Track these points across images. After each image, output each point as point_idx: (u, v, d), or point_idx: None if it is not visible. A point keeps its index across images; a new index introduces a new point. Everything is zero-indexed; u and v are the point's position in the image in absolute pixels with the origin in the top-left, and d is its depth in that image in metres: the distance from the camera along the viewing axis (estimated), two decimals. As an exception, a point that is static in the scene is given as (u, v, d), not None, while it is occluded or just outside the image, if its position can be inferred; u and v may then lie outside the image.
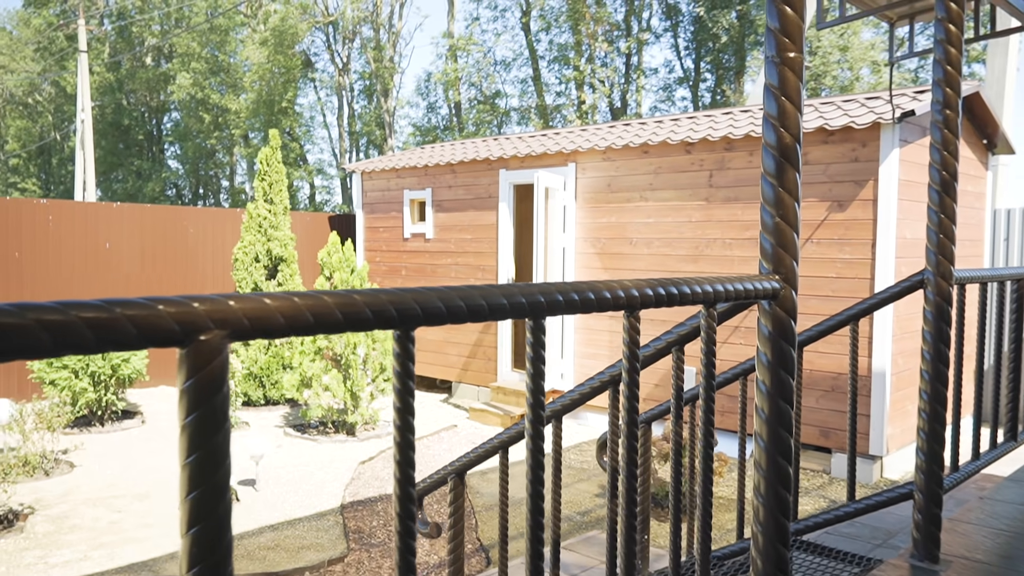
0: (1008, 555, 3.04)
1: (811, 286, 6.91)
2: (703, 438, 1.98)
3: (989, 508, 3.56)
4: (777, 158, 2.05)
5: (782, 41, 2.04)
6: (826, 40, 27.73)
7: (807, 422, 6.90)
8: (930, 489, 2.90)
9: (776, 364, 2.05)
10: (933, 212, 2.89)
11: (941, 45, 2.91)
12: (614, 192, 8.43)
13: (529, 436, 1.50)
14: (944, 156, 2.89)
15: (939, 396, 2.91)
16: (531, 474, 1.50)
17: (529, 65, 35.32)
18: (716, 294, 1.86)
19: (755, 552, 2.12)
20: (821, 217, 6.81)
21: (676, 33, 33.59)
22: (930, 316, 2.91)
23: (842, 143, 6.70)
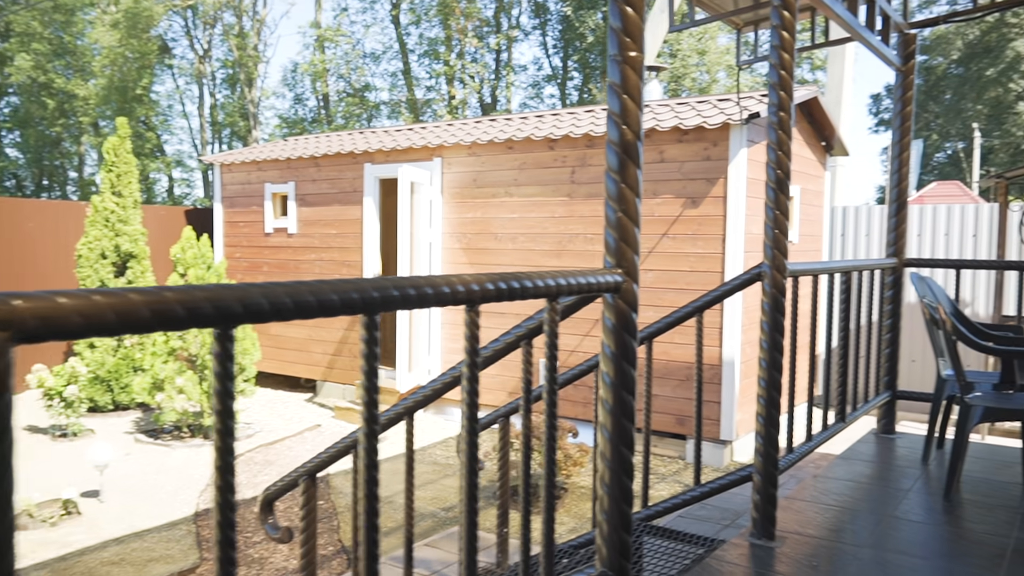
0: (836, 528, 3.26)
1: (667, 279, 7.19)
2: (547, 431, 2.00)
3: (821, 485, 3.81)
4: (620, 154, 2.10)
5: (624, 41, 2.08)
6: (686, 44, 28.92)
7: (664, 410, 7.18)
8: (767, 471, 3.06)
9: (619, 355, 2.10)
10: (769, 209, 3.06)
11: (776, 51, 3.07)
12: (480, 187, 8.47)
13: (364, 435, 1.47)
14: (779, 156, 3.05)
15: (775, 383, 3.08)
16: (366, 473, 1.46)
17: (399, 58, 34.95)
18: (559, 288, 1.88)
19: (600, 540, 2.17)
20: (676, 213, 7.09)
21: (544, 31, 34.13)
22: (767, 307, 3.07)
23: (695, 142, 7.00)
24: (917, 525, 3.31)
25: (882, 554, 2.99)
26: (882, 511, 3.45)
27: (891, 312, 4.77)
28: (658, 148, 7.21)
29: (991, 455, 4.42)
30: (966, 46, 31.94)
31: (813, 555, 2.97)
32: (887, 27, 4.49)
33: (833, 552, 3.01)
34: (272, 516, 3.13)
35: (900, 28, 4.70)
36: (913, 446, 4.55)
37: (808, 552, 2.99)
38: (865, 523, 3.31)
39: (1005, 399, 3.65)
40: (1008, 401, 3.58)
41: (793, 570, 2.84)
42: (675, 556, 3.23)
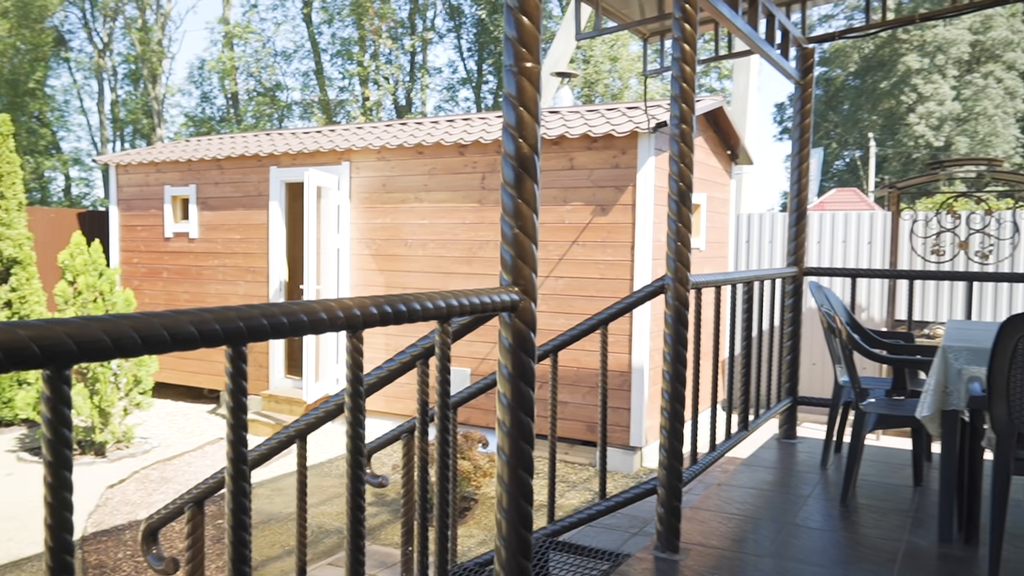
0: (738, 538, 3.28)
1: (577, 287, 7.19)
2: (438, 457, 1.91)
3: (725, 494, 3.85)
4: (516, 168, 2.02)
5: (519, 51, 2.01)
6: (598, 50, 29.30)
7: (574, 417, 7.18)
8: (671, 484, 3.05)
9: (516, 376, 2.03)
10: (672, 221, 3.05)
11: (678, 63, 3.06)
12: (389, 192, 8.31)
13: (231, 477, 1.34)
14: (681, 168, 3.04)
15: (679, 396, 3.07)
16: (231, 519, 1.34)
17: (311, 58, 34.25)
18: (450, 309, 1.79)
19: (499, 567, 2.09)
20: (586, 220, 7.11)
21: (459, 34, 34.04)
22: (670, 320, 3.06)
23: (604, 150, 7.03)
24: (816, 532, 3.36)
25: (782, 563, 3.02)
26: (783, 519, 3.49)
27: (792, 320, 4.87)
28: (568, 155, 7.22)
29: (886, 458, 4.56)
30: (862, 59, 33.46)
31: (716, 567, 2.97)
32: (786, 41, 4.59)
33: (735, 563, 3.02)
34: (156, 546, 2.94)
35: (799, 42, 4.81)
36: (813, 451, 4.65)
37: (711, 564, 2.99)
38: (767, 532, 3.35)
39: (897, 406, 3.76)
40: (899, 408, 3.69)
41: (696, 584, 2.83)
42: (581, 572, 3.18)
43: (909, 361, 3.73)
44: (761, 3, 4.09)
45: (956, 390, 3.10)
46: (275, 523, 5.83)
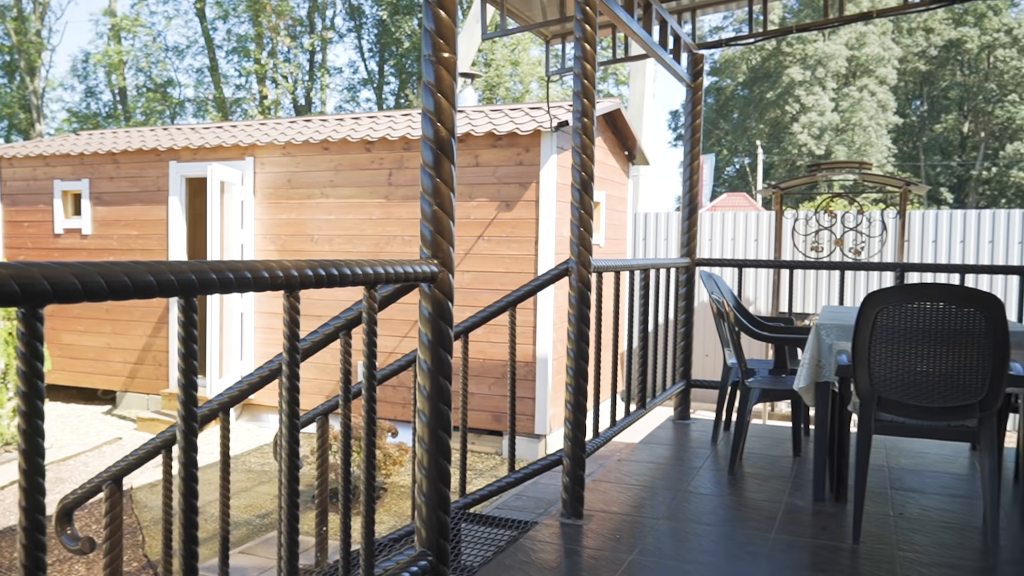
0: (637, 504, 3.54)
1: (483, 281, 7.39)
2: (366, 425, 2.05)
3: (625, 468, 4.11)
4: (435, 150, 2.19)
5: (437, 42, 2.18)
6: (500, 54, 29.69)
7: (481, 408, 7.37)
8: (575, 455, 3.28)
9: (436, 343, 2.19)
10: (575, 208, 3.27)
11: (579, 62, 3.29)
12: (295, 188, 8.29)
13: (181, 433, 1.46)
14: (583, 159, 3.28)
15: (582, 372, 3.30)
16: (184, 472, 1.46)
17: (205, 54, 33.27)
18: (377, 276, 1.94)
19: (419, 522, 2.25)
20: (491, 216, 7.32)
21: (360, 35, 33.78)
22: (574, 301, 3.28)
23: (509, 148, 7.26)
24: (706, 497, 3.65)
25: (676, 524, 3.28)
26: (677, 487, 3.78)
27: (685, 308, 5.20)
28: (473, 153, 7.41)
29: (770, 434, 4.94)
30: (750, 71, 35.12)
31: (617, 529, 3.21)
32: (678, 47, 4.92)
33: (634, 525, 3.26)
34: (71, 526, 2.94)
35: (690, 48, 5.16)
36: (705, 429, 4.99)
37: (612, 527, 3.23)
38: (662, 499, 3.62)
39: (779, 381, 4.11)
40: (780, 383, 4.04)
41: (599, 544, 3.06)
42: (491, 540, 3.37)
43: (789, 339, 4.09)
44: (655, 10, 4.39)
45: (828, 363, 3.45)
46: (180, 519, 5.76)
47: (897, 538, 3.11)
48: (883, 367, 3.00)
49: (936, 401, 2.97)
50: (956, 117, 33.60)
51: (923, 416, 3.02)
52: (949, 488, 3.81)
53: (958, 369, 2.91)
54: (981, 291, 2.88)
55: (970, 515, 3.40)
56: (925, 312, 2.93)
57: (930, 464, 4.21)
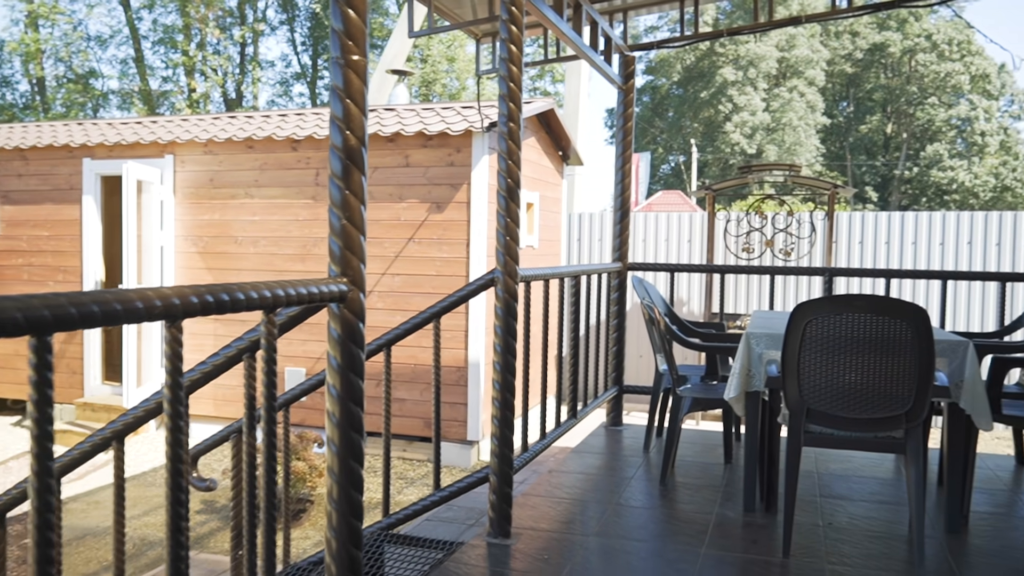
0: (567, 520, 3.44)
1: (414, 284, 7.22)
2: (265, 455, 1.89)
3: (555, 480, 4.01)
4: (343, 160, 2.03)
5: (346, 44, 2.02)
6: (436, 49, 29.40)
7: (412, 414, 7.21)
8: (502, 471, 3.15)
9: (346, 367, 2.04)
10: (501, 216, 3.15)
11: (505, 63, 3.16)
12: (217, 188, 7.97)
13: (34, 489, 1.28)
14: (509, 164, 3.15)
15: (509, 385, 3.18)
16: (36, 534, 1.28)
17: (130, 44, 32.10)
18: (276, 299, 1.78)
19: (329, 558, 2.09)
20: (422, 218, 7.15)
21: (293, 27, 33.07)
22: (500, 312, 3.16)
23: (440, 148, 7.10)
24: (637, 510, 3.58)
25: (607, 541, 3.19)
26: (608, 500, 3.69)
27: (617, 313, 5.14)
28: (404, 153, 7.23)
29: (702, 440, 4.91)
30: (685, 70, 35.59)
31: (545, 548, 3.10)
32: (609, 48, 4.84)
33: (563, 543, 3.16)
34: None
35: (621, 50, 5.08)
36: (637, 436, 4.93)
37: (541, 546, 3.12)
38: (593, 513, 3.53)
39: (709, 389, 4.07)
40: (711, 391, 3.99)
41: (526, 565, 2.95)
42: (416, 562, 3.22)
43: (720, 348, 4.05)
44: (585, 11, 4.30)
45: (758, 372, 3.40)
46: (92, 538, 5.46)
47: (826, 550, 3.08)
48: (812, 378, 2.97)
49: (864, 412, 2.94)
50: (880, 118, 34.67)
51: (851, 427, 2.99)
52: (876, 494, 3.82)
53: (885, 380, 2.89)
54: (907, 302, 2.86)
55: (896, 523, 3.40)
56: (853, 323, 2.90)
57: (857, 469, 4.22)
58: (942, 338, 3.19)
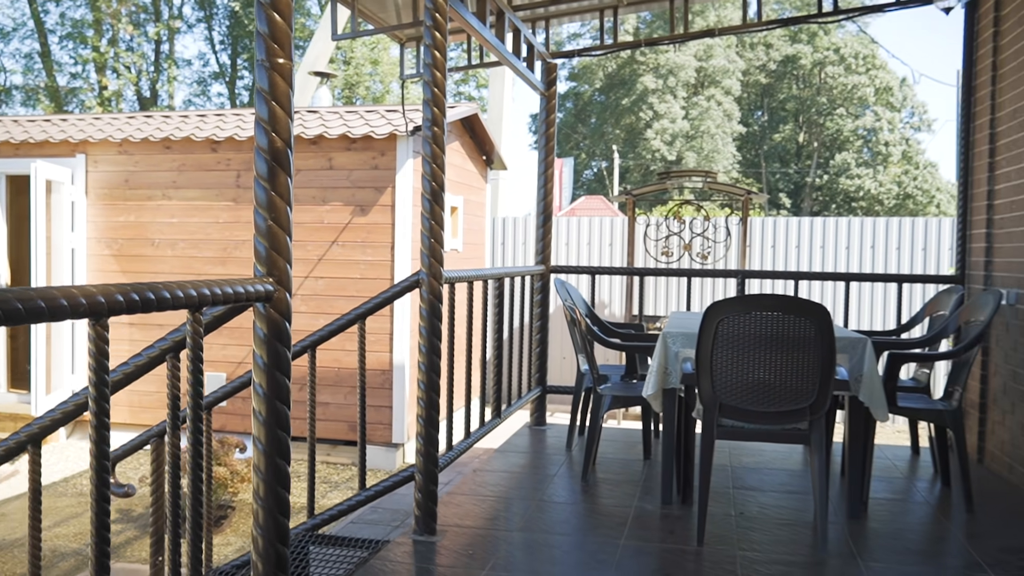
0: (491, 517, 3.51)
1: (338, 287, 7.18)
2: (191, 457, 1.90)
3: (480, 479, 4.08)
4: (269, 162, 2.05)
5: (271, 46, 2.05)
6: (360, 52, 29.14)
7: (337, 418, 7.16)
8: (427, 470, 3.20)
9: (272, 366, 2.06)
10: (425, 219, 3.20)
11: (429, 69, 3.22)
12: (133, 189, 7.76)
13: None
14: (433, 168, 3.21)
15: (434, 385, 3.23)
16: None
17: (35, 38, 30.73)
18: (201, 298, 1.79)
19: (255, 555, 2.11)
20: (346, 221, 7.12)
21: (211, 25, 32.26)
22: (425, 313, 3.21)
23: (364, 151, 7.09)
24: (560, 506, 3.68)
25: (530, 535, 3.28)
26: (532, 497, 3.78)
27: (540, 315, 5.25)
28: (327, 155, 7.19)
29: (623, 437, 5.06)
30: (607, 77, 36.21)
31: (470, 544, 3.16)
32: (531, 55, 4.95)
33: (488, 539, 3.23)
34: None
35: (543, 57, 5.20)
36: (560, 435, 5.04)
37: (466, 542, 3.18)
38: (517, 509, 3.61)
39: (629, 387, 4.20)
40: (631, 389, 4.13)
41: (452, 561, 3.00)
42: (341, 562, 3.24)
43: (638, 347, 4.19)
44: (508, 19, 4.39)
45: (674, 370, 3.54)
46: (4, 549, 5.25)
47: (738, 537, 3.24)
48: (724, 374, 3.12)
49: (772, 406, 3.11)
50: (792, 128, 36.00)
51: (760, 420, 3.16)
52: (785, 485, 4.02)
53: (791, 375, 3.06)
54: (811, 301, 3.04)
55: (803, 511, 3.59)
56: (761, 321, 3.06)
57: (769, 462, 4.43)
58: (843, 335, 3.38)
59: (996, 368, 4.36)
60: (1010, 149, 4.23)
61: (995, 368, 4.38)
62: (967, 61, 4.80)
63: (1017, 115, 4.15)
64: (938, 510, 3.69)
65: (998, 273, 4.36)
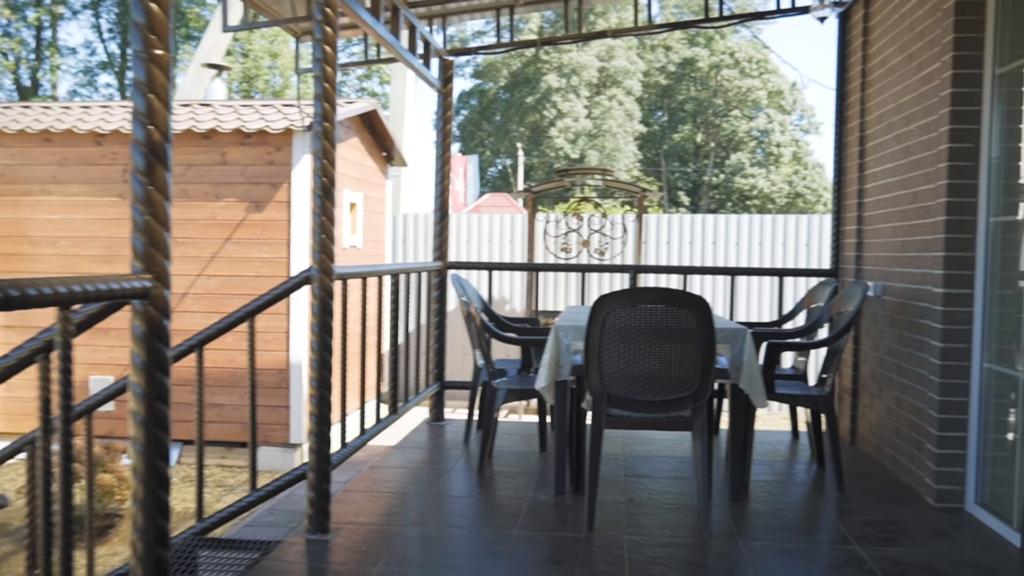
0: (387, 513, 3.51)
1: (232, 285, 7.00)
2: (61, 463, 1.84)
3: (376, 475, 4.07)
4: (147, 156, 2.01)
5: (148, 38, 2.00)
6: (258, 45, 28.37)
7: (232, 419, 6.99)
8: (320, 467, 3.18)
9: (150, 365, 2.02)
10: (316, 215, 3.18)
11: (319, 64, 3.20)
12: (9, 184, 7.35)
13: None
14: (324, 164, 3.20)
15: (325, 383, 3.21)
16: None
17: (-102, 21, 28.56)
18: (72, 295, 1.74)
19: (135, 561, 2.06)
20: (240, 217, 6.95)
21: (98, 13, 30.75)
22: (316, 310, 3.19)
23: (259, 146, 6.93)
24: (456, 499, 3.71)
25: (425, 530, 3.30)
26: (428, 491, 3.80)
27: (438, 311, 5.27)
28: (220, 150, 7.00)
29: (520, 431, 5.14)
30: (511, 75, 36.44)
31: (364, 541, 3.16)
32: (428, 52, 4.96)
33: (383, 535, 3.24)
34: None
35: (440, 54, 5.22)
36: (458, 430, 5.08)
37: (360, 539, 3.18)
38: (413, 505, 3.63)
39: (524, 380, 4.28)
40: (526, 382, 4.20)
41: (345, 558, 3.00)
42: (232, 565, 3.19)
43: (532, 340, 4.26)
44: (403, 15, 4.39)
45: (566, 363, 3.63)
46: None
47: (627, 523, 3.35)
48: (612, 365, 3.22)
49: (657, 395, 3.23)
50: (691, 128, 37.13)
51: (647, 409, 3.28)
52: (674, 471, 4.17)
53: (674, 364, 3.19)
54: (691, 294, 3.18)
55: (689, 495, 3.75)
56: (646, 313, 3.18)
57: (660, 450, 4.59)
58: (724, 326, 3.55)
59: (865, 356, 4.66)
60: (877, 151, 4.52)
61: (864, 356, 4.68)
62: (840, 68, 5.10)
63: (883, 119, 4.43)
64: (813, 489, 3.92)
65: (867, 267, 4.65)
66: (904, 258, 4.05)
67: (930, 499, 3.60)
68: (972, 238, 3.53)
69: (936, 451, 3.56)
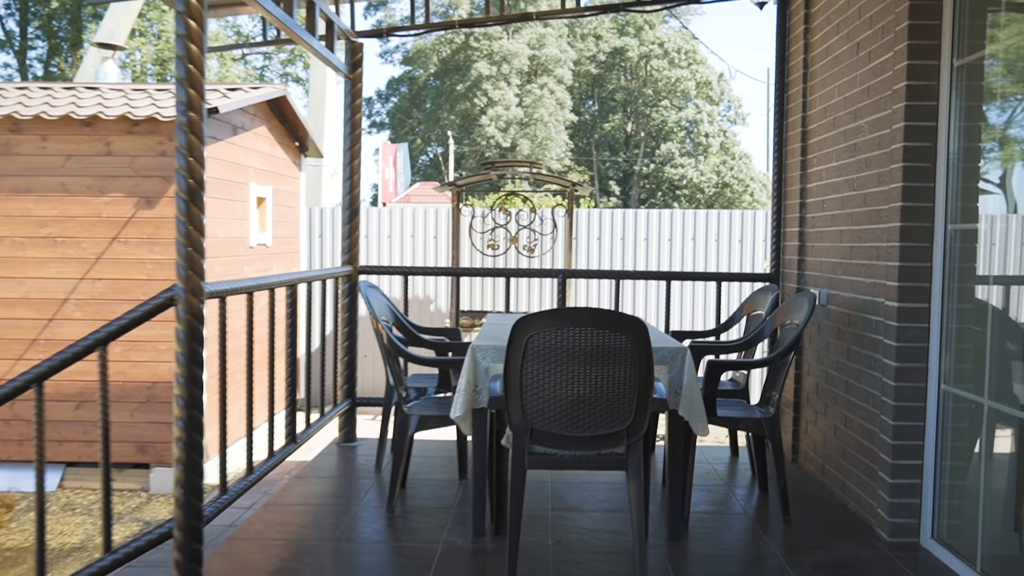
0: (276, 570, 3.00)
1: (121, 290, 6.31)
2: None
3: (271, 516, 3.55)
4: None
5: None
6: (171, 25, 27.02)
7: (123, 438, 6.31)
8: (189, 525, 2.66)
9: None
10: (181, 223, 2.63)
11: (183, 41, 2.65)
12: None
13: None
14: (190, 162, 2.64)
15: (195, 423, 2.69)
16: None
17: None
18: None
19: None
20: (129, 214, 6.26)
21: (-4, -12, 28.78)
22: (182, 336, 2.65)
23: (149, 135, 6.25)
24: (360, 547, 3.23)
25: (318, 591, 2.82)
26: (329, 537, 3.31)
27: (348, 320, 4.75)
28: (104, 139, 6.29)
29: (438, 451, 4.66)
30: (441, 62, 35.70)
31: (243, 610, 2.66)
32: (331, 33, 4.41)
33: (266, 601, 2.74)
34: None
35: (347, 36, 4.68)
36: (370, 452, 4.58)
37: (238, 608, 2.68)
38: (309, 558, 3.12)
39: (441, 405, 3.80)
40: (442, 407, 3.72)
41: (216, 636, 2.49)
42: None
43: (447, 361, 3.80)
44: (298, -12, 3.84)
45: (485, 388, 3.18)
46: None
47: (554, 571, 2.94)
48: (535, 396, 2.78)
49: (587, 430, 2.81)
50: (621, 117, 37.08)
51: (575, 446, 2.85)
52: (606, 502, 3.78)
53: (607, 394, 2.78)
54: (627, 315, 2.76)
55: (624, 534, 3.35)
56: (575, 337, 2.75)
57: (590, 475, 4.18)
58: (661, 345, 3.15)
59: (809, 368, 4.34)
60: (820, 148, 4.19)
61: (808, 368, 4.36)
62: (780, 57, 4.76)
63: (827, 113, 4.10)
64: (756, 522, 3.57)
65: (810, 272, 4.33)
66: (852, 265, 3.73)
67: (883, 533, 3.28)
68: (929, 247, 3.21)
69: (890, 481, 3.24)
